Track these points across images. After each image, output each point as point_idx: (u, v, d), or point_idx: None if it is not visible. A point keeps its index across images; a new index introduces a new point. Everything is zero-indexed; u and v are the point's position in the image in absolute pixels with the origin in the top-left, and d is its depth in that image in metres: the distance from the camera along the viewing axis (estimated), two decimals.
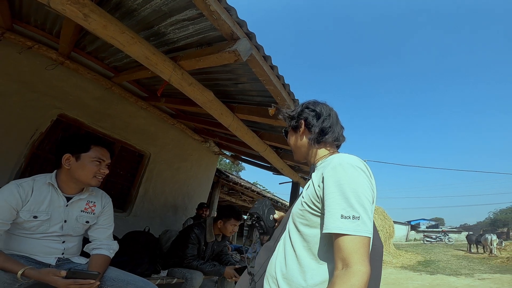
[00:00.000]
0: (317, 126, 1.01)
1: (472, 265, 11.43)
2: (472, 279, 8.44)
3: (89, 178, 1.48)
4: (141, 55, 1.64)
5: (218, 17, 1.33)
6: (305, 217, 0.87)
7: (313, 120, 1.02)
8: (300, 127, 1.05)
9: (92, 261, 1.51)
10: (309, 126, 1.03)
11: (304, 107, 1.07)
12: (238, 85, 2.36)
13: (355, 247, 0.70)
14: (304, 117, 1.04)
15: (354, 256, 0.69)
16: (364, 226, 0.72)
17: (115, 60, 2.98)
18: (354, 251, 0.69)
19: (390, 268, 10.59)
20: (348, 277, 0.67)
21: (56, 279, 1.20)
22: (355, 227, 0.71)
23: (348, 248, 0.70)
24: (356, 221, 0.72)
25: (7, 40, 2.56)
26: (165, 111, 4.18)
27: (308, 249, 0.84)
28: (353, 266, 0.68)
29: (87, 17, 1.37)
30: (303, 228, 0.87)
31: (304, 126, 1.04)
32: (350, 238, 0.71)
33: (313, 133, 1.01)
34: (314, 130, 1.01)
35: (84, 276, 1.25)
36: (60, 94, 3.02)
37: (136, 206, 3.95)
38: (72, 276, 1.21)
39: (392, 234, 14.58)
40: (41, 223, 1.40)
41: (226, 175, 7.20)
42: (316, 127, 1.00)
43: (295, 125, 1.07)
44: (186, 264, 2.45)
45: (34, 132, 2.88)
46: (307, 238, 0.85)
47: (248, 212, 1.13)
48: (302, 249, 0.85)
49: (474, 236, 18.11)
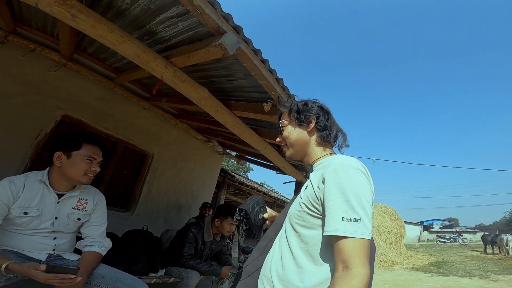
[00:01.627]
0: (330, 127, 1.01)
1: (486, 266, 11.08)
2: (486, 280, 8.18)
3: (80, 176, 1.50)
4: (132, 53, 1.65)
5: (202, 12, 1.32)
6: (303, 218, 0.86)
7: (324, 118, 1.01)
8: (310, 123, 1.01)
9: (83, 258, 1.52)
10: (321, 124, 1.01)
11: (312, 104, 1.05)
12: (234, 82, 2.35)
13: (356, 249, 0.70)
14: (316, 114, 1.02)
15: (354, 258, 0.69)
16: (365, 228, 0.73)
17: (116, 61, 3.02)
18: (355, 253, 0.70)
19: (400, 269, 10.36)
20: (349, 279, 0.67)
21: (37, 273, 1.21)
22: (356, 230, 0.72)
23: (349, 251, 0.70)
24: (357, 224, 0.72)
25: (10, 43, 2.62)
26: (168, 111, 4.21)
27: (306, 250, 0.84)
28: (354, 268, 0.68)
29: (75, 18, 1.39)
30: (301, 229, 0.86)
31: (315, 124, 1.01)
32: (351, 240, 0.71)
33: (322, 131, 1.00)
34: (324, 129, 1.00)
35: (64, 271, 1.25)
36: (63, 95, 3.07)
37: (139, 205, 3.98)
38: (51, 270, 1.22)
39: (403, 235, 14.27)
40: (32, 219, 1.42)
41: (232, 175, 7.21)
42: (329, 128, 1.00)
43: (302, 120, 1.02)
44: (183, 263, 2.44)
45: (39, 133, 2.94)
46: (304, 239, 0.85)
47: (238, 208, 1.13)
48: (299, 250, 0.85)
49: (489, 237, 17.57)
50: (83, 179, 1.51)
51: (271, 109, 2.23)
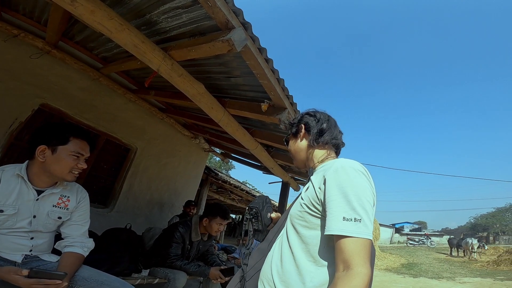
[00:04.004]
0: (315, 127, 1.05)
1: (453, 269, 11.72)
2: (454, 282, 8.65)
3: (65, 173, 1.36)
4: (129, 43, 1.56)
5: (213, 4, 1.27)
6: (304, 218, 0.87)
7: (312, 123, 1.07)
8: (300, 131, 1.09)
9: (62, 259, 1.39)
10: (309, 129, 1.07)
11: (304, 114, 1.13)
12: (231, 79, 2.30)
13: (356, 249, 0.70)
14: (305, 121, 1.09)
15: (355, 258, 0.69)
16: (366, 228, 0.73)
17: (105, 51, 2.87)
18: (356, 253, 0.70)
19: (375, 270, 10.73)
20: (350, 279, 0.67)
21: (17, 278, 1.11)
22: (357, 229, 0.72)
23: (350, 250, 0.70)
24: (358, 224, 0.72)
25: None
26: (154, 104, 4.07)
27: (307, 251, 0.84)
28: (355, 268, 0.68)
29: (74, 2, 1.30)
30: (302, 229, 0.87)
31: (304, 130, 1.08)
32: (352, 240, 0.71)
33: (312, 134, 1.05)
34: (313, 131, 1.05)
35: (49, 276, 1.15)
36: (44, 83, 2.89)
37: (119, 201, 3.82)
38: (35, 276, 1.12)
39: (378, 237, 14.82)
40: (7, 217, 1.28)
41: (215, 173, 7.12)
42: (315, 128, 1.05)
43: (295, 131, 1.11)
44: (169, 263, 2.35)
45: (13, 121, 2.74)
46: (305, 239, 0.85)
47: (248, 206, 1.10)
48: (300, 251, 0.85)
49: (455, 240, 18.61)
50: (68, 177, 1.38)
51: (268, 109, 2.20)
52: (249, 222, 1.10)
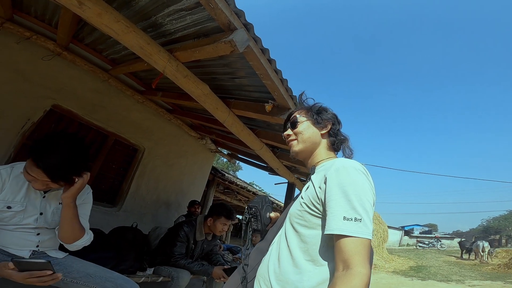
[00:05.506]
0: (338, 135, 1.07)
1: (463, 272, 11.50)
2: (463, 285, 8.48)
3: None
4: (136, 45, 1.60)
5: (215, 6, 1.29)
6: (303, 217, 0.86)
7: (336, 127, 1.07)
8: (325, 127, 1.06)
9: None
10: (334, 130, 1.06)
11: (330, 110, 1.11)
12: (235, 80, 2.32)
13: (356, 249, 0.70)
14: (332, 120, 1.07)
15: (355, 258, 0.69)
16: (366, 228, 0.73)
17: (113, 52, 2.94)
18: (356, 252, 0.70)
19: (382, 272, 10.60)
20: (349, 279, 0.67)
21: (10, 272, 1.12)
22: (357, 229, 0.72)
23: (350, 250, 0.70)
24: (358, 223, 0.72)
25: (5, 30, 2.52)
26: (162, 105, 4.13)
27: (305, 250, 0.83)
28: (354, 267, 0.68)
29: (82, 5, 1.33)
30: (301, 228, 0.86)
31: (329, 129, 1.06)
32: (352, 239, 0.71)
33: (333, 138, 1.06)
34: (335, 136, 1.06)
35: (32, 266, 1.14)
36: (55, 84, 2.97)
37: (127, 201, 3.88)
38: (18, 267, 1.12)
39: (386, 239, 14.61)
40: (15, 214, 1.32)
41: (222, 173, 7.14)
42: (338, 135, 1.06)
43: (319, 122, 1.07)
44: (173, 262, 2.38)
45: (25, 122, 2.82)
46: (304, 239, 0.84)
47: (247, 205, 1.10)
48: (298, 250, 0.84)
49: (466, 243, 18.24)
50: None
51: (272, 110, 2.21)
52: (249, 221, 1.10)
